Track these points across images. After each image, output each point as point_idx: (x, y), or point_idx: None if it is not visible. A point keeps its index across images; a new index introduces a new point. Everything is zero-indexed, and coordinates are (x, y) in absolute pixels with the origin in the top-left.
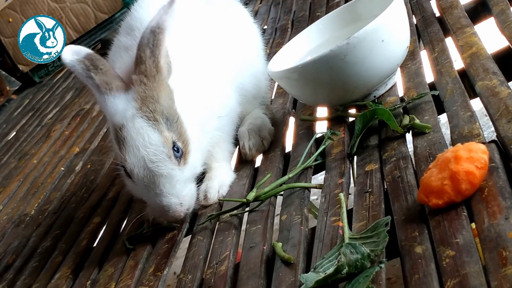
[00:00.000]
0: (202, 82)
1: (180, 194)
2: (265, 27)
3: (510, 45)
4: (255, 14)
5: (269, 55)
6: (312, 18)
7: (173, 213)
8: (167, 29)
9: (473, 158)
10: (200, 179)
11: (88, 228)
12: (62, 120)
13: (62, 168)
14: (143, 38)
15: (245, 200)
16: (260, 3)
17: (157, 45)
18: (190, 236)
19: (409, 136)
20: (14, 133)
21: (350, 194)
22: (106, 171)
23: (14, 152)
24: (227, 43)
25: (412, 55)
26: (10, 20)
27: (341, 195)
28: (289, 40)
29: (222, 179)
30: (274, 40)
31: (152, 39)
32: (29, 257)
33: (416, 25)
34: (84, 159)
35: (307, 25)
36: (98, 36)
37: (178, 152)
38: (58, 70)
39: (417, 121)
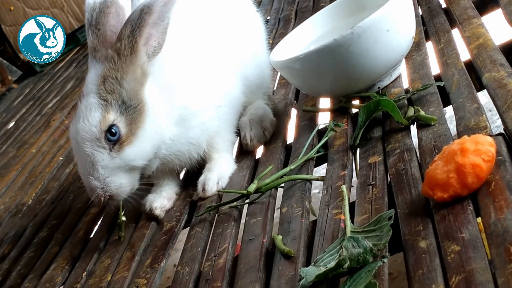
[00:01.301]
0: (200, 70)
1: (103, 179)
2: (268, 17)
3: None
4: (259, 4)
5: (272, 46)
6: (316, 8)
7: (94, 195)
8: (155, 12)
9: (480, 151)
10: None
11: (86, 218)
12: (62, 109)
13: (61, 158)
14: (131, 14)
15: (245, 192)
16: None
17: (140, 25)
18: (188, 228)
19: (413, 129)
20: (14, 122)
21: (352, 186)
22: None
23: (13, 141)
24: (230, 33)
25: (417, 46)
26: (12, 8)
27: (344, 187)
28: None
29: (222, 170)
30: (277, 31)
31: (137, 18)
32: (25, 247)
33: (422, 16)
34: None
35: (311, 16)
36: None
37: (114, 136)
38: (60, 60)
39: (422, 112)
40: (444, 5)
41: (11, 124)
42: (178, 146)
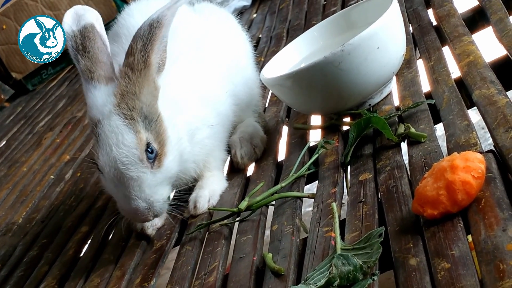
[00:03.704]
0: (195, 90)
1: (149, 199)
2: (260, 35)
3: (509, 53)
4: (251, 22)
5: (264, 64)
6: (307, 26)
7: (140, 217)
8: (166, 26)
9: (470, 168)
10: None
11: (76, 237)
12: (54, 128)
13: (52, 176)
14: (140, 29)
15: (236, 209)
16: (256, 12)
17: (151, 39)
18: (179, 246)
19: (404, 146)
20: (5, 141)
21: (343, 204)
22: (96, 179)
23: (5, 160)
24: (218, 53)
25: (408, 64)
26: (4, 27)
27: (334, 204)
28: None
29: (213, 188)
30: (269, 49)
31: (147, 32)
32: (15, 266)
33: (412, 33)
34: (74, 167)
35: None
36: None
37: (152, 153)
38: (52, 78)
39: (412, 130)
40: (434, 23)
41: (3, 143)
42: (186, 163)
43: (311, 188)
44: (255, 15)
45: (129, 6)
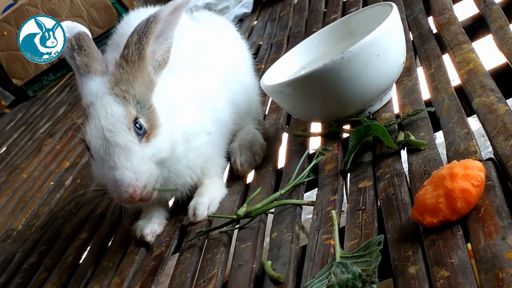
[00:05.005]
0: (193, 97)
1: (136, 169)
2: (261, 42)
3: (509, 61)
4: (251, 29)
5: (264, 71)
6: (308, 33)
7: (126, 187)
8: (162, 21)
9: (469, 176)
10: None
11: (75, 244)
12: (54, 134)
13: (52, 183)
14: (138, 25)
15: (235, 216)
16: (256, 19)
17: (146, 33)
18: (178, 253)
19: (404, 153)
20: (6, 147)
21: (343, 211)
22: (96, 186)
23: (5, 166)
24: (216, 61)
25: (408, 71)
26: (5, 33)
27: (333, 212)
28: None
29: (213, 195)
30: (270, 56)
31: (143, 26)
32: (14, 273)
33: (412, 41)
34: (74, 173)
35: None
36: None
37: (140, 129)
38: (52, 85)
39: (412, 137)
40: (435, 31)
41: (3, 149)
42: (178, 166)
43: (311, 195)
44: (255, 22)
45: (128, 15)
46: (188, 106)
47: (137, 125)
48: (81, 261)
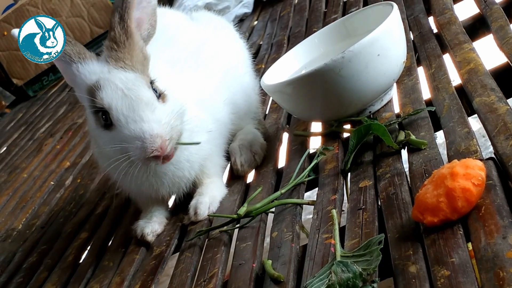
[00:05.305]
0: (193, 95)
1: (162, 121)
2: (261, 42)
3: (509, 61)
4: (252, 29)
5: (265, 70)
6: (308, 33)
7: (155, 138)
8: None
9: (470, 175)
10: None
11: (75, 243)
12: (54, 134)
13: (52, 183)
14: (115, 4)
15: (235, 216)
16: (257, 19)
17: (126, 8)
18: (178, 253)
19: (404, 153)
20: (6, 147)
21: (343, 211)
22: (96, 186)
23: (5, 166)
24: (215, 60)
25: (408, 71)
26: (5, 33)
27: (334, 211)
28: None
29: (213, 194)
30: (270, 56)
31: (121, 3)
32: (14, 272)
33: (413, 41)
34: (75, 173)
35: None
36: (93, 50)
37: (156, 92)
38: (53, 85)
39: (412, 137)
40: (435, 30)
41: (3, 149)
42: (179, 157)
43: (311, 195)
44: (256, 22)
45: None
46: (189, 103)
47: (153, 86)
48: (81, 261)
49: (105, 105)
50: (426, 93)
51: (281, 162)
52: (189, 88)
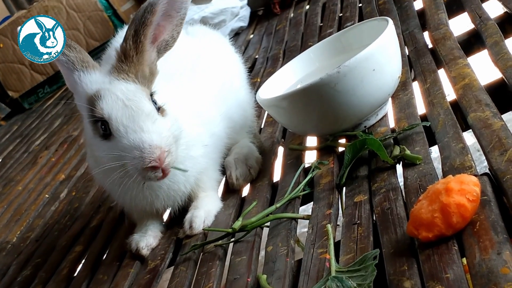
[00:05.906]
0: (189, 109)
1: (162, 133)
2: (257, 56)
3: (504, 77)
4: (247, 43)
5: (260, 84)
6: (304, 47)
7: (154, 148)
8: (159, 12)
9: (465, 191)
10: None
11: (70, 256)
12: (50, 146)
13: (47, 195)
14: (137, 12)
15: (230, 230)
16: (253, 33)
17: (143, 24)
18: (173, 267)
19: (399, 168)
20: (1, 159)
21: (338, 225)
22: (91, 199)
23: (0, 179)
24: (211, 75)
25: (403, 86)
26: (1, 45)
27: (329, 226)
28: None
29: (208, 208)
30: (266, 69)
31: (140, 17)
32: (8, 286)
33: (408, 56)
34: (70, 186)
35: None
36: None
37: (155, 104)
38: (48, 97)
39: (407, 152)
40: (430, 46)
41: None
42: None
43: (306, 209)
44: (251, 36)
45: (123, 30)
46: (185, 117)
47: (153, 98)
48: (75, 274)
49: (105, 115)
50: (421, 108)
51: (276, 176)
52: (186, 102)
